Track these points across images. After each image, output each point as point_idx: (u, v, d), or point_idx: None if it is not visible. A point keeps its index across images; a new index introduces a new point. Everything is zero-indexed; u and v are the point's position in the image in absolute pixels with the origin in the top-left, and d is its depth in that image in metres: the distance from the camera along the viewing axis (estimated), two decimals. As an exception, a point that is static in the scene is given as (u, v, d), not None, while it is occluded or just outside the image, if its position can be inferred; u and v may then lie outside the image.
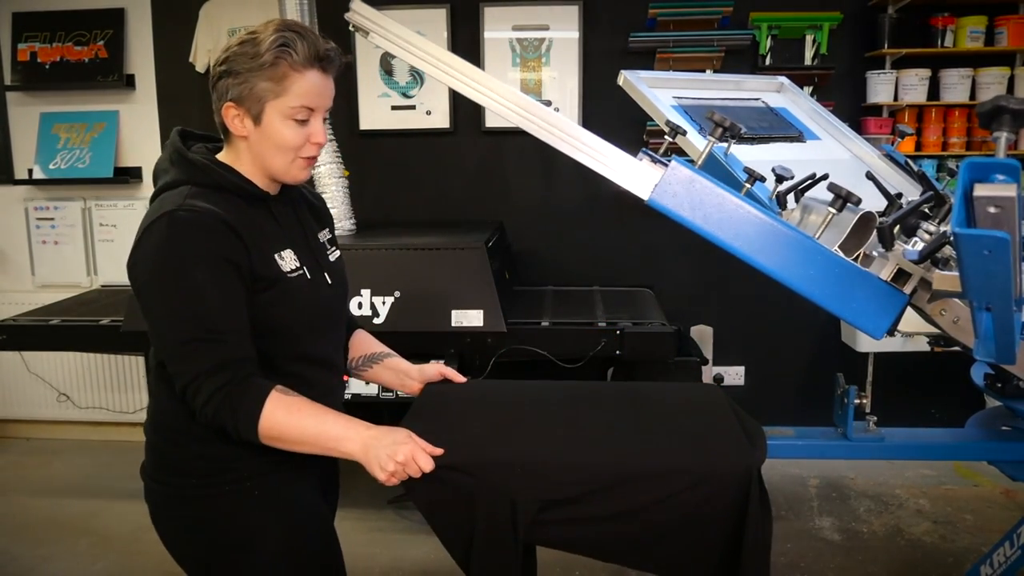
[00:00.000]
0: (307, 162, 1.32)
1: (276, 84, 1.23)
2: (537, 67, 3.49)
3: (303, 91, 1.25)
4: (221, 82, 1.26)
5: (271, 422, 1.21)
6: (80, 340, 3.00)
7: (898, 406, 3.21)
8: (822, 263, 1.13)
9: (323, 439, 1.25)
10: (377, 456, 1.24)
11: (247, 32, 1.26)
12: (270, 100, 1.24)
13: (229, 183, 1.28)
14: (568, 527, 1.39)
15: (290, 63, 1.23)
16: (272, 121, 1.26)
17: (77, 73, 3.66)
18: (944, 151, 3.31)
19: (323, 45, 1.26)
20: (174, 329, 1.21)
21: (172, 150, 1.32)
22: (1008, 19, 3.23)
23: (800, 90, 2.23)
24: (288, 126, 1.26)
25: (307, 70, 1.25)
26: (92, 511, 3.11)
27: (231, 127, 1.28)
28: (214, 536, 1.32)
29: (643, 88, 1.92)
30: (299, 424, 1.23)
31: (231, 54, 1.25)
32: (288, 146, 1.27)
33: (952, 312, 1.39)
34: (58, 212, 3.78)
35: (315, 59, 1.25)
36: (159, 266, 1.20)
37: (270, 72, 1.23)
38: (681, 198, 1.17)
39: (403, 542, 2.77)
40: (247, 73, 1.23)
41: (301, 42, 1.24)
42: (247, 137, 1.28)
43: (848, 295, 1.14)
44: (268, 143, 1.27)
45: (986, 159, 1.07)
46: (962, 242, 1.13)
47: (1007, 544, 1.97)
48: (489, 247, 2.73)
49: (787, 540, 2.78)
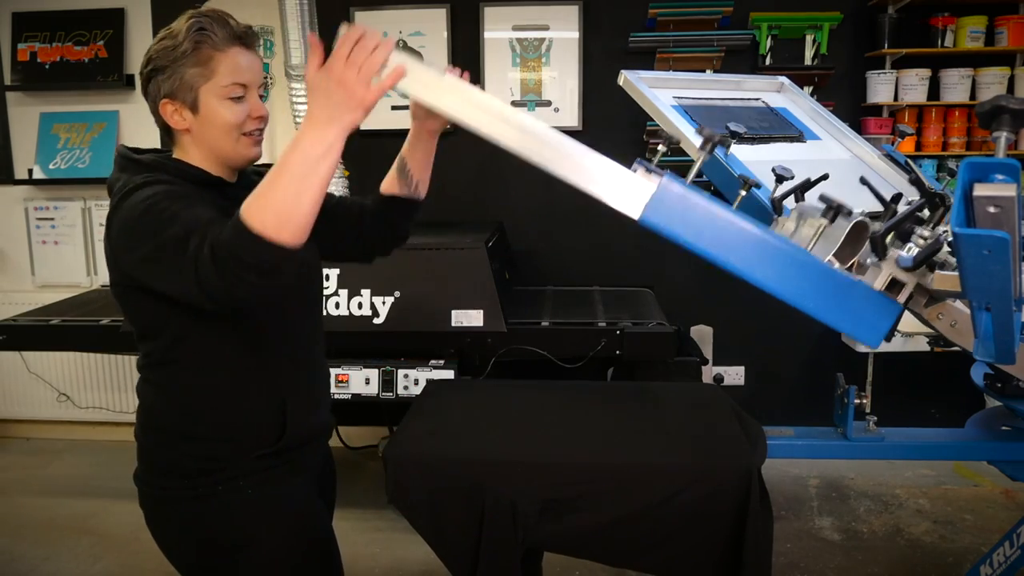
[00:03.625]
0: (252, 139, 1.31)
1: (204, 67, 1.24)
2: (537, 67, 3.49)
3: (231, 69, 1.25)
4: (151, 84, 1.27)
5: (251, 211, 1.04)
6: (80, 340, 3.00)
7: (898, 406, 3.21)
8: (815, 276, 1.13)
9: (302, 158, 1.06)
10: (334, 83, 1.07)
11: (164, 29, 1.27)
12: (202, 85, 1.25)
13: (183, 172, 1.27)
14: (569, 529, 1.39)
15: (211, 44, 1.24)
16: (209, 105, 1.26)
17: (77, 73, 3.66)
18: (944, 151, 3.31)
19: (238, 23, 1.27)
20: (156, 245, 1.11)
21: (118, 157, 1.31)
22: (1008, 19, 3.23)
23: (800, 90, 2.23)
24: (225, 106, 1.26)
25: (230, 47, 1.25)
26: (92, 511, 3.11)
27: (171, 123, 1.28)
28: (209, 538, 1.31)
29: (643, 88, 1.92)
30: (266, 183, 1.06)
31: (153, 53, 1.26)
32: (230, 125, 1.27)
33: (949, 316, 1.39)
34: (58, 212, 3.78)
35: (234, 37, 1.26)
36: (133, 214, 1.15)
37: (194, 58, 1.24)
38: (673, 215, 1.16)
39: (403, 542, 2.77)
40: (173, 65, 1.24)
41: (216, 24, 1.25)
42: (189, 129, 1.28)
43: (842, 306, 1.13)
44: (210, 127, 1.27)
45: (986, 159, 1.07)
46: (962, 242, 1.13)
47: (1007, 544, 1.97)
48: (489, 247, 2.73)
49: (787, 540, 2.78)
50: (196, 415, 1.30)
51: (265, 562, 1.32)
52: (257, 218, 1.04)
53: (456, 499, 1.39)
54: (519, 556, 1.38)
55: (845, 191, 1.83)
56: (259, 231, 1.03)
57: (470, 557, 1.39)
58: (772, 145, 1.91)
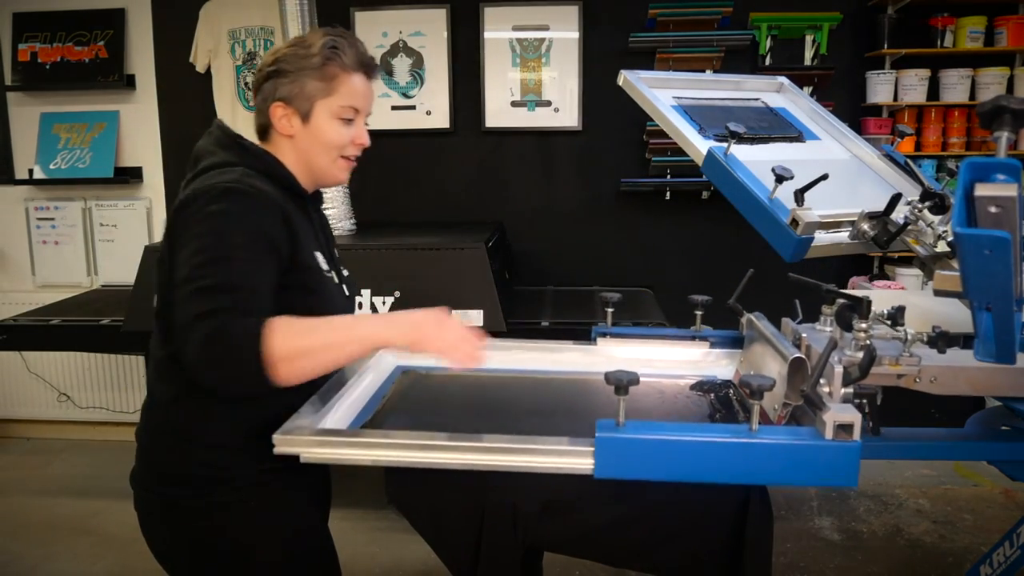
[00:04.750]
0: (348, 163, 1.37)
1: (326, 84, 1.29)
2: (537, 67, 3.49)
3: (351, 92, 1.31)
4: (269, 82, 1.30)
5: (280, 338, 1.08)
6: (80, 340, 3.00)
7: (898, 406, 3.20)
8: (770, 456, 1.16)
9: (353, 335, 1.16)
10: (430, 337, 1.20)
11: (296, 37, 1.33)
12: (320, 99, 1.29)
13: (279, 174, 1.31)
14: (570, 529, 1.39)
15: (340, 64, 1.29)
16: (320, 120, 1.30)
17: (77, 73, 3.66)
18: (944, 151, 3.31)
19: (367, 52, 1.34)
20: (194, 273, 1.13)
21: (220, 134, 1.32)
22: (1008, 19, 3.23)
23: (800, 90, 2.23)
24: (335, 125, 1.31)
25: (354, 72, 1.31)
26: (92, 511, 3.11)
27: (277, 126, 1.31)
28: (211, 549, 1.29)
29: (643, 88, 1.92)
30: (312, 330, 1.12)
31: (281, 55, 1.30)
32: (334, 144, 1.32)
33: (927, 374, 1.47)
34: (58, 212, 3.78)
35: (361, 64, 1.32)
36: (204, 218, 1.16)
37: (321, 72, 1.29)
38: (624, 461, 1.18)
39: (403, 542, 2.77)
40: (298, 73, 1.28)
41: (349, 47, 1.30)
42: (293, 136, 1.32)
43: (808, 470, 1.16)
44: (315, 141, 1.32)
45: (987, 159, 1.08)
46: (963, 242, 1.13)
47: (1007, 544, 1.97)
48: (489, 247, 2.73)
49: (787, 540, 2.79)
50: (219, 421, 1.27)
51: (267, 572, 1.31)
52: (281, 352, 1.08)
53: (456, 499, 1.38)
54: (519, 556, 1.38)
55: (845, 191, 1.84)
56: (271, 361, 1.08)
57: (470, 557, 1.38)
58: (772, 145, 1.91)
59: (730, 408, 1.51)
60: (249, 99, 3.58)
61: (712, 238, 3.47)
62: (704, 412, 1.51)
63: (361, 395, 1.51)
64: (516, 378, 1.70)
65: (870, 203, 1.70)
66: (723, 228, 3.37)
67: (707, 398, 1.57)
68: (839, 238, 1.71)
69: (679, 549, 1.40)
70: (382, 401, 1.52)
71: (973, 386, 1.51)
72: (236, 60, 3.58)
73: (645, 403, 1.54)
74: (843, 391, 1.21)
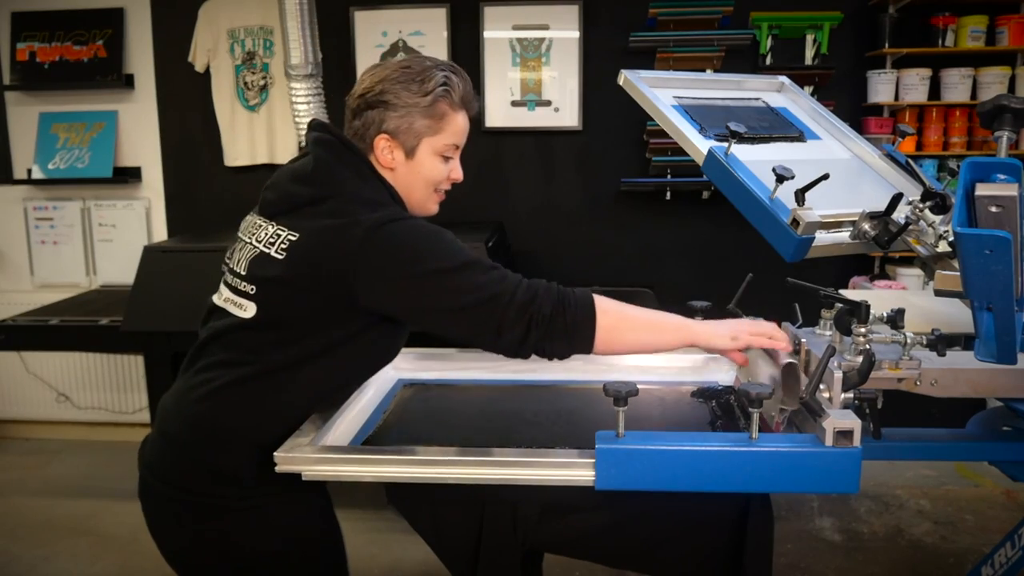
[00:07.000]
0: (439, 196, 1.40)
1: (435, 122, 1.29)
2: (537, 67, 3.49)
3: (455, 130, 1.33)
4: (374, 111, 1.28)
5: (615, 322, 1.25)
6: (79, 340, 3.00)
7: (898, 406, 3.20)
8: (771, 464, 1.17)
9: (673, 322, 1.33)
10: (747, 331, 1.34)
11: (402, 65, 1.29)
12: (427, 136, 1.30)
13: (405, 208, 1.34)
14: (569, 531, 1.39)
15: (449, 103, 1.29)
16: (424, 156, 1.32)
17: (76, 73, 3.66)
18: (945, 151, 3.31)
19: (471, 88, 1.34)
20: (467, 269, 1.23)
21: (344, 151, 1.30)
22: (1009, 18, 3.22)
23: (801, 90, 2.22)
24: (435, 162, 1.33)
25: (460, 110, 1.32)
26: (91, 511, 3.11)
27: (380, 158, 1.31)
28: (236, 549, 1.27)
29: (643, 88, 1.91)
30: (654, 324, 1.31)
31: (390, 86, 1.27)
32: (432, 180, 1.35)
33: (928, 377, 1.47)
34: (57, 212, 3.78)
35: (465, 102, 1.32)
36: (419, 244, 1.23)
37: (431, 110, 1.28)
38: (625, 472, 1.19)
39: (403, 542, 2.76)
40: (408, 108, 1.27)
41: (459, 84, 1.30)
42: (394, 169, 1.32)
43: (808, 477, 1.18)
44: (416, 176, 1.33)
45: (988, 158, 1.07)
46: (963, 242, 1.13)
47: (1008, 545, 1.97)
48: (489, 247, 2.73)
49: (788, 540, 2.78)
50: (273, 424, 1.26)
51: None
52: (610, 323, 1.24)
53: (456, 501, 1.38)
54: (519, 558, 1.38)
55: (846, 191, 1.83)
56: (595, 327, 1.23)
57: (470, 558, 1.38)
58: (772, 145, 1.91)
59: (731, 414, 1.51)
60: (248, 99, 3.58)
61: (712, 238, 3.47)
62: (705, 419, 1.51)
63: (363, 409, 1.52)
64: (517, 389, 1.70)
65: (871, 203, 1.69)
66: (723, 228, 3.37)
67: (708, 405, 1.57)
68: (840, 238, 1.70)
69: (680, 550, 1.40)
70: (384, 415, 1.52)
71: (974, 388, 1.50)
72: (235, 60, 3.58)
73: (646, 411, 1.53)
74: (843, 397, 1.20)
